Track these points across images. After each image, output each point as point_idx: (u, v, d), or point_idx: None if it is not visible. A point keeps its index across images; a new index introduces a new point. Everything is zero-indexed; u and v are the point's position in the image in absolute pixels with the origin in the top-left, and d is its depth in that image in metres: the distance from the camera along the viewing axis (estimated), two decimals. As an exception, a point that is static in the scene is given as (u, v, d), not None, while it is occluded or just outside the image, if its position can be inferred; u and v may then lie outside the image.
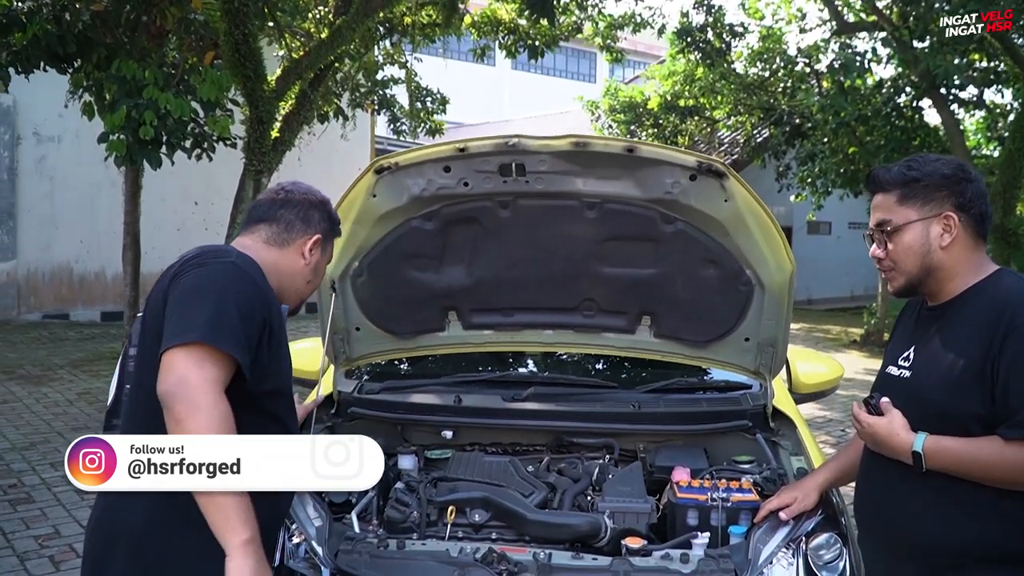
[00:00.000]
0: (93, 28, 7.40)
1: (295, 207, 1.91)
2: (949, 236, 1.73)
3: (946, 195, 1.73)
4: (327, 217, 1.96)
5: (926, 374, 1.74)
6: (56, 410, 6.97)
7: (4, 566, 3.93)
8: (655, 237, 2.44)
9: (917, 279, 1.77)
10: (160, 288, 1.71)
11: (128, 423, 1.75)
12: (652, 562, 1.97)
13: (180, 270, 1.69)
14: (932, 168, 1.75)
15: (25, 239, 11.89)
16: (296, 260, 1.90)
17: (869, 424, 1.74)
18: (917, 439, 1.66)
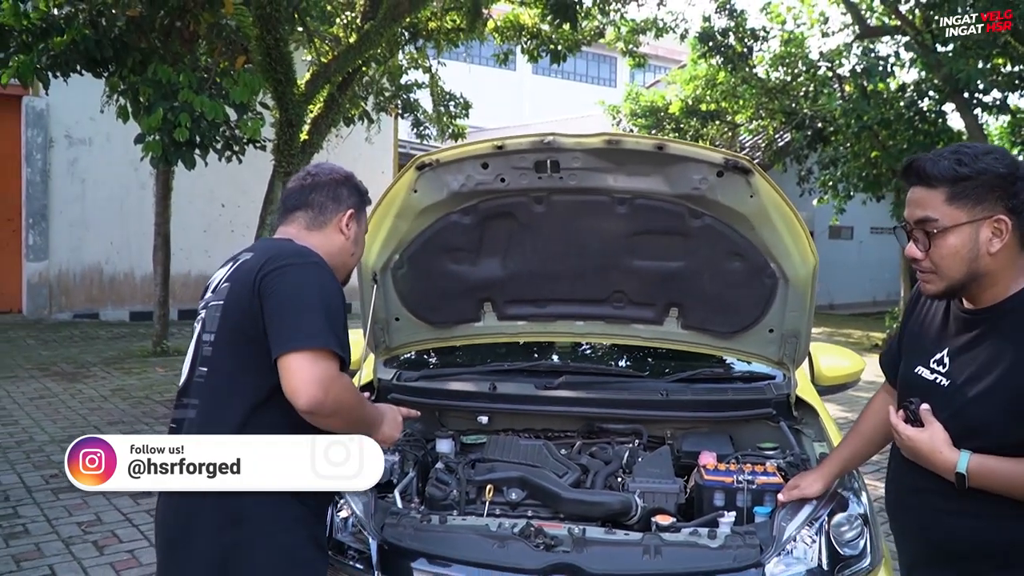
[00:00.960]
0: (128, 33, 7.60)
1: (324, 188, 2.02)
2: (1000, 241, 1.59)
3: (999, 196, 1.57)
4: (355, 190, 2.07)
5: (970, 387, 1.62)
6: (91, 405, 7.14)
7: (51, 550, 4.09)
8: (683, 231, 2.54)
9: (960, 284, 1.64)
10: (245, 283, 1.82)
11: (203, 403, 1.87)
12: (681, 537, 2.07)
13: (270, 268, 1.80)
14: (985, 164, 1.58)
15: (57, 240, 12.13)
16: (336, 238, 2.01)
17: (910, 438, 1.65)
18: (961, 459, 1.58)
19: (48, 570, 3.86)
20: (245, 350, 1.80)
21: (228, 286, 1.88)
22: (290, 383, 1.68)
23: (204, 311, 1.93)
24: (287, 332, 1.72)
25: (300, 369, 1.68)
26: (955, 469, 1.58)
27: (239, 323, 1.80)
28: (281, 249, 1.89)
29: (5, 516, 4.49)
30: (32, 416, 6.66)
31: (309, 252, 1.88)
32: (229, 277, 1.91)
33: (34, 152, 11.83)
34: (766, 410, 2.66)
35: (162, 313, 9.78)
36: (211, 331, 1.87)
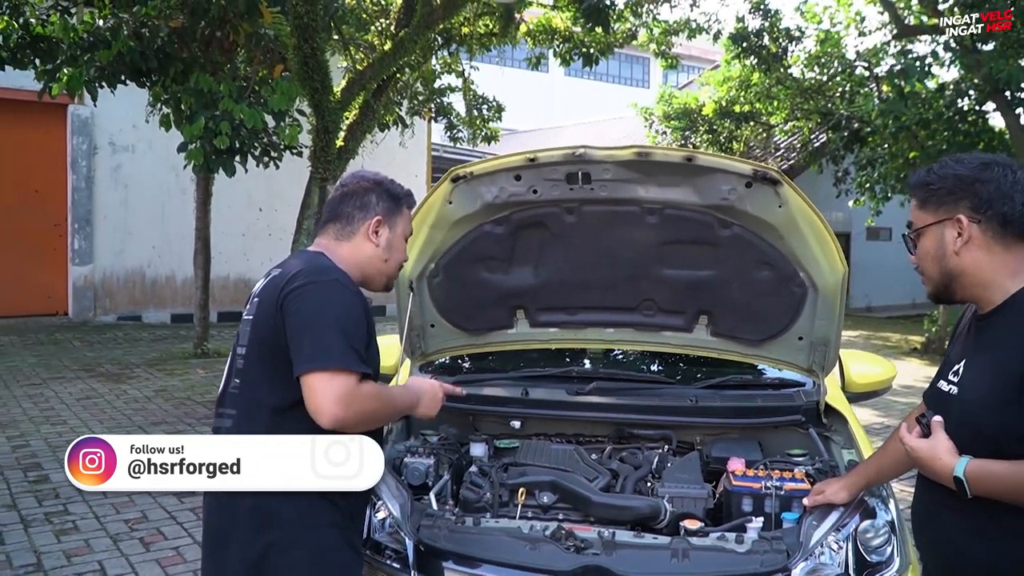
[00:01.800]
0: (171, 44, 7.79)
1: (352, 198, 2.09)
2: (962, 239, 1.67)
3: (959, 197, 1.67)
4: (385, 195, 2.10)
5: (971, 390, 1.67)
6: (135, 405, 7.33)
7: (99, 546, 4.23)
8: (712, 241, 2.59)
9: (942, 284, 1.74)
10: (271, 298, 1.91)
11: (237, 413, 1.96)
12: (709, 542, 2.13)
13: (292, 286, 1.89)
14: (948, 170, 1.70)
15: (101, 244, 12.44)
16: (365, 246, 2.06)
17: (912, 448, 1.69)
18: (959, 464, 1.59)
19: (97, 565, 4.00)
20: (271, 363, 1.88)
21: (257, 301, 1.98)
22: (312, 402, 1.77)
23: (241, 325, 2.03)
24: (306, 351, 1.80)
25: (320, 390, 1.75)
26: (953, 474, 1.59)
27: (266, 338, 1.89)
28: (306, 265, 1.96)
29: (56, 513, 4.65)
30: (79, 416, 6.86)
31: (332, 268, 1.95)
32: (259, 293, 2.00)
33: (79, 159, 12.14)
34: (795, 417, 2.70)
35: (202, 316, 9.98)
36: (243, 344, 1.97)
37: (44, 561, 4.01)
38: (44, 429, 6.39)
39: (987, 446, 1.59)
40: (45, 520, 4.53)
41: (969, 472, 1.58)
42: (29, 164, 11.99)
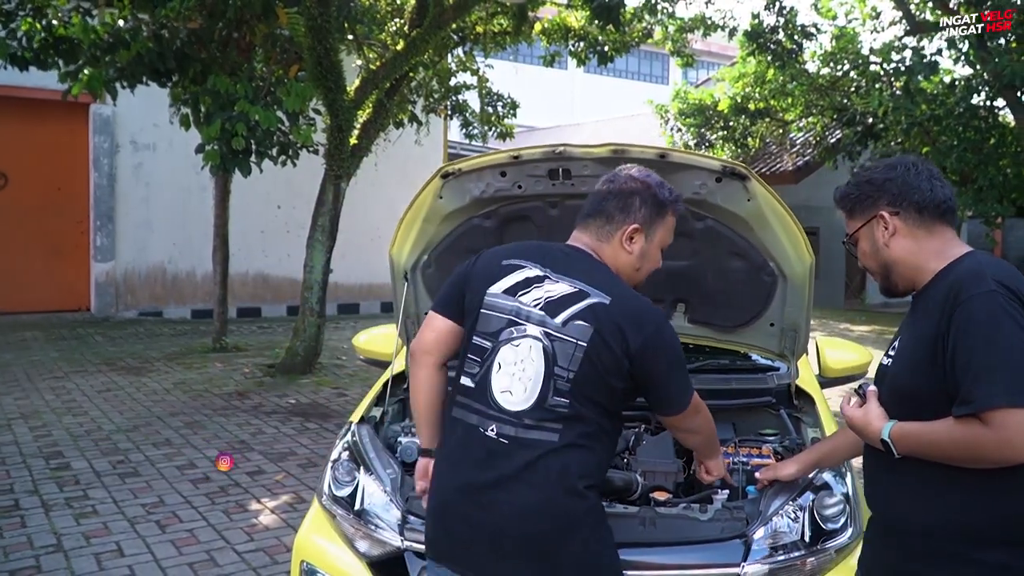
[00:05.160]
0: (190, 45, 8.01)
1: (616, 197, 2.10)
2: (888, 232, 1.85)
3: (877, 197, 1.87)
4: (649, 201, 2.10)
5: (900, 361, 1.82)
6: (155, 398, 7.57)
7: (117, 528, 4.43)
8: (687, 233, 2.73)
9: (884, 277, 1.91)
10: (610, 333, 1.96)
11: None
12: (675, 511, 2.27)
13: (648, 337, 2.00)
14: (861, 179, 1.92)
15: (123, 241, 12.71)
16: (620, 252, 2.09)
17: (846, 415, 1.85)
18: (885, 427, 1.73)
19: (115, 546, 4.20)
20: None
21: (584, 326, 1.95)
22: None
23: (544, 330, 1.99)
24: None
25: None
26: (881, 437, 1.74)
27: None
28: (640, 308, 2.01)
29: (76, 498, 4.86)
30: (100, 407, 7.10)
31: (657, 313, 2.05)
32: (582, 314, 1.96)
33: (101, 157, 12.42)
34: (766, 399, 2.84)
35: (221, 311, 10.22)
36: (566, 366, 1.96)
37: (64, 542, 4.21)
38: (66, 420, 6.63)
39: (910, 409, 1.73)
40: (66, 504, 4.74)
41: (893, 433, 1.72)
42: (52, 163, 12.30)
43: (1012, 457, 1.57)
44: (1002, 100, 11.29)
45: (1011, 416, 1.54)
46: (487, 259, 2.13)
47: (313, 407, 7.35)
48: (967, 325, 1.63)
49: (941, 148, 11.95)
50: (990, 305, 1.63)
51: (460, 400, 2.05)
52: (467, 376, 2.04)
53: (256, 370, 8.87)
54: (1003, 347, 1.59)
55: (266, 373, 8.69)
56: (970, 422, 1.59)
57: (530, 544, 1.89)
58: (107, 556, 4.08)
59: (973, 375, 1.59)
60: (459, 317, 2.11)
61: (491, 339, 2.01)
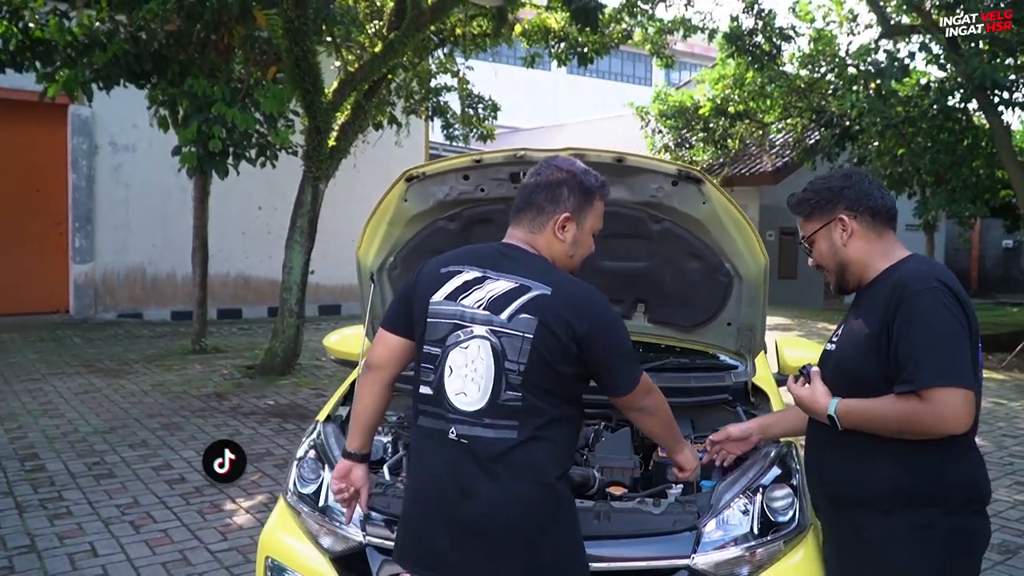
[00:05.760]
0: (167, 46, 8.02)
1: (544, 188, 2.13)
2: (847, 234, 2.08)
3: (835, 203, 2.08)
4: (576, 189, 2.13)
5: (844, 346, 2.06)
6: (132, 399, 7.57)
7: (91, 528, 4.45)
8: (645, 235, 2.80)
9: (839, 274, 2.12)
10: (557, 325, 2.01)
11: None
12: (629, 505, 2.34)
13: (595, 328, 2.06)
14: (821, 185, 2.13)
15: (102, 242, 12.67)
16: (554, 242, 2.13)
17: (795, 393, 2.09)
18: (831, 403, 1.97)
19: (88, 546, 4.22)
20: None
21: (529, 319, 1.98)
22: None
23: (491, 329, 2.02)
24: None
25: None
26: (827, 412, 1.97)
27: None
28: (582, 294, 2.05)
29: (50, 499, 4.88)
30: (77, 409, 7.10)
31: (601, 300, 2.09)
32: (525, 307, 2.00)
33: (80, 159, 12.38)
34: (723, 396, 2.92)
35: (200, 313, 10.22)
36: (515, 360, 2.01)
37: (37, 543, 4.23)
38: (42, 422, 6.63)
39: (853, 389, 1.96)
40: (40, 505, 4.76)
41: (839, 409, 1.95)
42: (30, 164, 12.26)
43: (945, 429, 1.83)
44: (976, 102, 11.46)
45: (946, 394, 1.80)
46: (427, 271, 2.17)
47: (291, 408, 7.38)
48: (912, 316, 1.87)
49: (916, 149, 12.10)
50: (932, 300, 1.88)
51: (423, 409, 2.09)
52: (425, 385, 2.08)
53: (235, 371, 8.88)
54: (942, 336, 1.84)
55: (245, 374, 8.71)
56: (910, 399, 1.84)
57: (508, 540, 1.94)
58: (81, 556, 4.10)
59: (915, 358, 1.83)
60: (408, 332, 2.16)
61: (439, 345, 2.06)
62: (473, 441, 1.98)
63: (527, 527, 1.95)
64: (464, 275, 2.09)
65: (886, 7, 12.25)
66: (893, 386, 1.88)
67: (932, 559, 1.91)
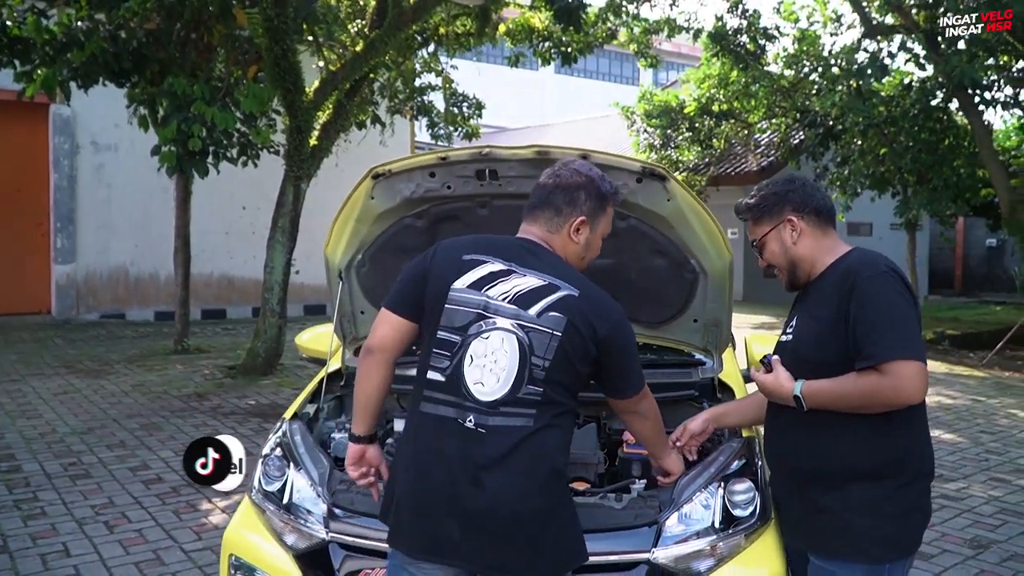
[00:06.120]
0: (147, 45, 7.99)
1: (562, 191, 2.20)
2: (796, 233, 2.23)
3: (782, 206, 2.24)
4: (593, 195, 2.21)
5: (801, 333, 2.20)
6: (112, 400, 7.54)
7: (65, 529, 4.44)
8: (611, 231, 2.80)
9: (790, 272, 2.26)
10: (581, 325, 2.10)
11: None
12: (592, 500, 2.35)
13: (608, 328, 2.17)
14: (767, 190, 2.28)
15: (84, 243, 12.60)
16: (569, 243, 2.21)
17: (760, 381, 2.18)
18: (796, 385, 2.09)
19: (61, 546, 4.21)
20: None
21: (559, 317, 2.06)
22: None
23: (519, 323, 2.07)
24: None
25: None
26: (793, 393, 2.08)
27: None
28: (604, 299, 2.17)
29: (25, 500, 4.85)
30: (56, 410, 7.06)
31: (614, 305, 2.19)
32: (555, 306, 2.06)
33: (61, 158, 12.31)
34: (690, 392, 2.93)
35: (183, 313, 10.18)
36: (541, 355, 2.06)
37: (10, 543, 4.21)
38: (20, 423, 6.60)
39: (815, 373, 2.08)
40: (14, 506, 4.74)
41: (804, 390, 2.07)
42: (11, 163, 12.18)
43: (904, 399, 1.98)
44: (957, 102, 11.52)
45: (903, 366, 1.94)
46: (445, 254, 2.17)
47: (272, 408, 7.36)
48: (866, 299, 2.01)
49: (897, 149, 12.15)
50: (884, 283, 2.04)
51: (429, 395, 2.08)
52: (435, 371, 2.08)
53: (217, 371, 8.86)
54: (896, 314, 2.00)
55: (226, 374, 8.68)
56: (870, 374, 1.97)
57: (521, 525, 1.97)
58: (53, 556, 4.08)
59: (873, 336, 1.97)
60: (415, 315, 2.16)
61: (459, 333, 2.07)
62: (491, 431, 2.01)
63: (541, 513, 2.00)
64: (489, 266, 2.12)
65: (868, 8, 12.30)
66: (854, 364, 2.01)
67: (887, 529, 2.06)
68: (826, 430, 2.09)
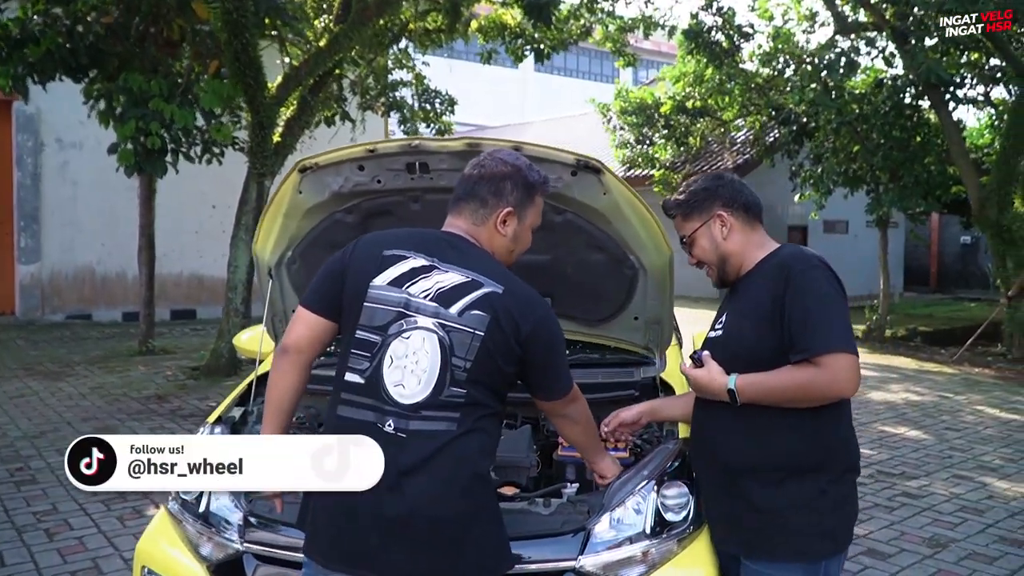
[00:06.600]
0: (105, 39, 7.83)
1: (488, 181, 2.08)
2: (726, 229, 2.19)
3: (712, 201, 2.20)
4: (520, 185, 2.09)
5: (733, 328, 2.15)
6: (69, 403, 7.38)
7: (3, 537, 4.29)
8: (547, 226, 2.68)
9: (720, 269, 2.22)
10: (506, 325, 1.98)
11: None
12: (518, 506, 2.26)
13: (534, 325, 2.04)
14: (695, 187, 2.25)
15: (49, 242, 12.40)
16: (495, 235, 2.08)
17: (692, 376, 2.13)
18: (730, 379, 2.04)
19: (-5, 555, 4.08)
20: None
21: (481, 315, 1.94)
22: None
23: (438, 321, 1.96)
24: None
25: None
26: (727, 387, 2.05)
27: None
28: (529, 295, 2.02)
29: (-34, 506, 4.71)
30: (9, 413, 6.90)
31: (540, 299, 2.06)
32: (477, 304, 1.94)
33: (25, 156, 12.10)
34: (630, 392, 2.84)
35: (147, 313, 10.01)
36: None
37: (-59, 553, 4.08)
38: (-30, 426, 6.44)
39: (749, 368, 2.04)
40: (-46, 512, 4.60)
41: (738, 383, 2.03)
42: (-28, 162, 11.97)
43: (839, 392, 1.97)
44: (928, 99, 11.53)
45: (838, 359, 1.93)
46: (365, 249, 2.06)
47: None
48: (801, 291, 1.99)
49: (869, 146, 12.14)
50: (818, 276, 2.02)
51: (347, 398, 1.97)
52: (353, 372, 1.97)
53: (179, 373, 8.71)
54: (830, 307, 1.98)
55: (189, 376, 8.54)
56: (805, 366, 1.95)
57: (441, 531, 1.87)
58: (-15, 566, 3.95)
59: (809, 329, 1.96)
60: (333, 313, 2.05)
61: (379, 333, 1.96)
62: (412, 435, 1.89)
63: (464, 517, 1.89)
64: (411, 261, 2.01)
65: (841, 6, 12.29)
66: (786, 358, 1.99)
67: (823, 525, 2.04)
68: (759, 425, 2.05)
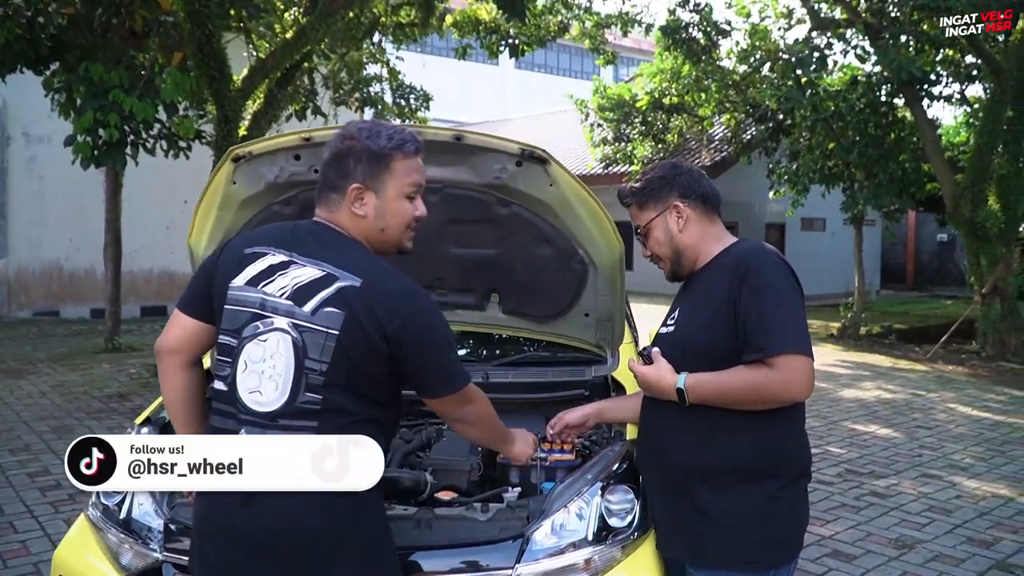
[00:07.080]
0: (66, 30, 7.64)
1: (333, 162, 1.89)
2: (682, 220, 2.09)
3: (668, 191, 2.10)
4: (363, 157, 1.86)
5: (686, 324, 2.06)
6: (28, 401, 7.21)
7: (-57, 541, 4.15)
8: (493, 219, 2.60)
9: (675, 261, 2.12)
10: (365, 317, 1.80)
11: None
12: (454, 511, 2.15)
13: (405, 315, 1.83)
14: (651, 176, 2.14)
15: (16, 238, 12.18)
16: (355, 217, 1.88)
17: (641, 373, 2.01)
18: (680, 378, 1.94)
19: (-66, 560, 3.93)
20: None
21: (334, 313, 1.77)
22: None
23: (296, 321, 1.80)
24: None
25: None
26: (676, 386, 1.94)
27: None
28: (398, 287, 1.82)
29: (-91, 509, 4.55)
30: (-36, 412, 6.73)
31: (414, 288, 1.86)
32: (331, 300, 1.78)
33: (-10, 150, 11.87)
34: (579, 391, 2.74)
35: (113, 310, 9.83)
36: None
37: None
38: (-78, 425, 6.26)
39: (697, 363, 1.95)
40: None
41: (688, 383, 1.93)
42: (-66, 156, 11.72)
43: (793, 395, 1.88)
44: (903, 97, 11.52)
45: (794, 361, 1.84)
46: (231, 249, 1.93)
47: (195, 408, 7.07)
48: (757, 288, 1.90)
49: (844, 144, 12.12)
50: (776, 273, 1.94)
51: (216, 407, 1.86)
52: (219, 380, 1.85)
53: (144, 371, 8.54)
54: (788, 307, 1.90)
55: (153, 374, 8.35)
56: (759, 367, 1.86)
57: (303, 551, 1.73)
58: (-79, 572, 3.80)
59: (764, 328, 1.86)
60: (205, 315, 1.92)
61: (235, 336, 1.82)
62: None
63: (319, 534, 1.74)
64: (269, 258, 1.86)
65: (817, 3, 12.26)
66: (740, 357, 1.89)
67: (775, 531, 1.96)
68: (710, 427, 1.95)
